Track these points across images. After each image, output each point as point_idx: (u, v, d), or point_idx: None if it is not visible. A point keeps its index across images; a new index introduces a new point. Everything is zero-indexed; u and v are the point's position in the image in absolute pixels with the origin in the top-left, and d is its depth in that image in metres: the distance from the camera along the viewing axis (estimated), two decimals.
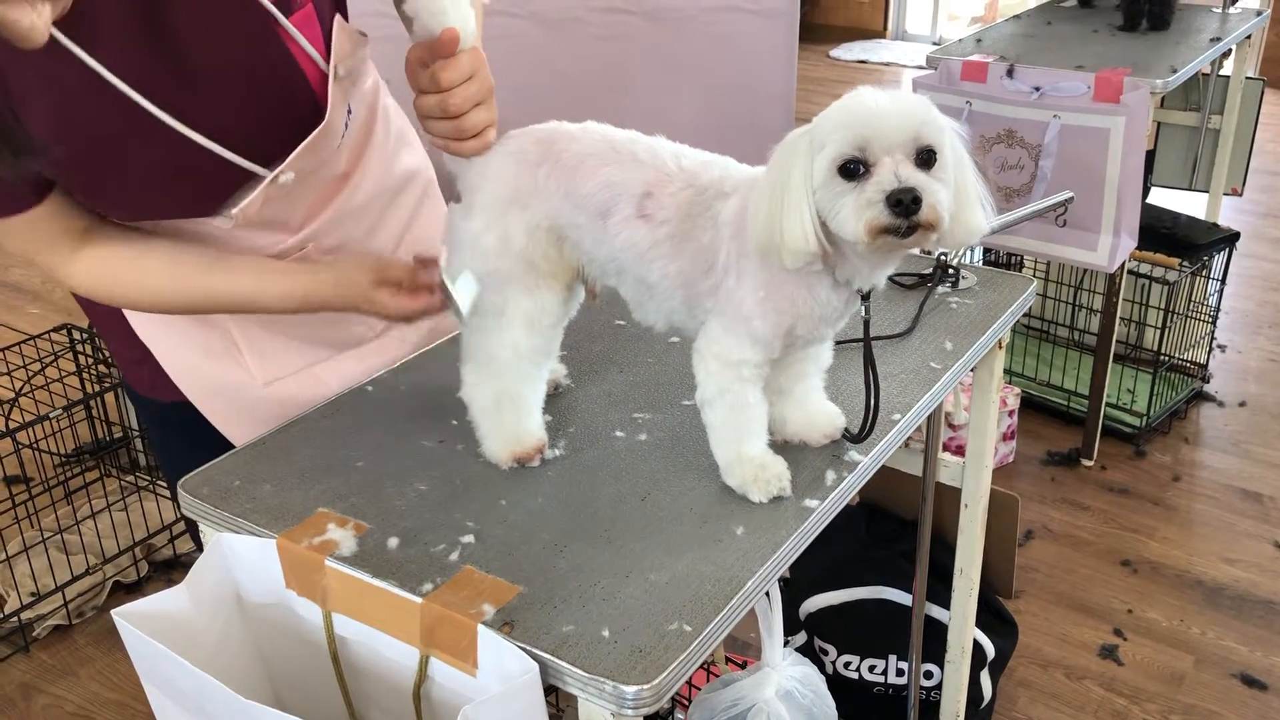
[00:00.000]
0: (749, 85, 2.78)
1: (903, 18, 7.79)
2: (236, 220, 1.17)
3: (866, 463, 1.15)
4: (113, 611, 0.99)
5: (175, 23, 1.07)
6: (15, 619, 2.39)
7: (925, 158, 0.94)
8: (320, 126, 1.16)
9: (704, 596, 0.96)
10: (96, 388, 2.74)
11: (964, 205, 0.98)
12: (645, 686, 0.87)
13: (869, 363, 1.11)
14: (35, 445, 2.57)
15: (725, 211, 1.03)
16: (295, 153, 1.15)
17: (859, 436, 1.15)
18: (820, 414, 1.17)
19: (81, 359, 2.75)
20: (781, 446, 1.15)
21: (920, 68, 7.37)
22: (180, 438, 1.40)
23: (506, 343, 1.10)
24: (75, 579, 2.46)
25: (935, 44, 7.62)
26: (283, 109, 1.15)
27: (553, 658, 0.90)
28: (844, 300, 1.04)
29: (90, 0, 1.00)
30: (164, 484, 2.72)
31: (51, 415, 2.38)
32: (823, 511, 1.08)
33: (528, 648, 0.90)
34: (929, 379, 1.30)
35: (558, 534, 1.05)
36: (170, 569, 2.63)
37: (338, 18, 1.17)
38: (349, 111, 1.23)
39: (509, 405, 1.13)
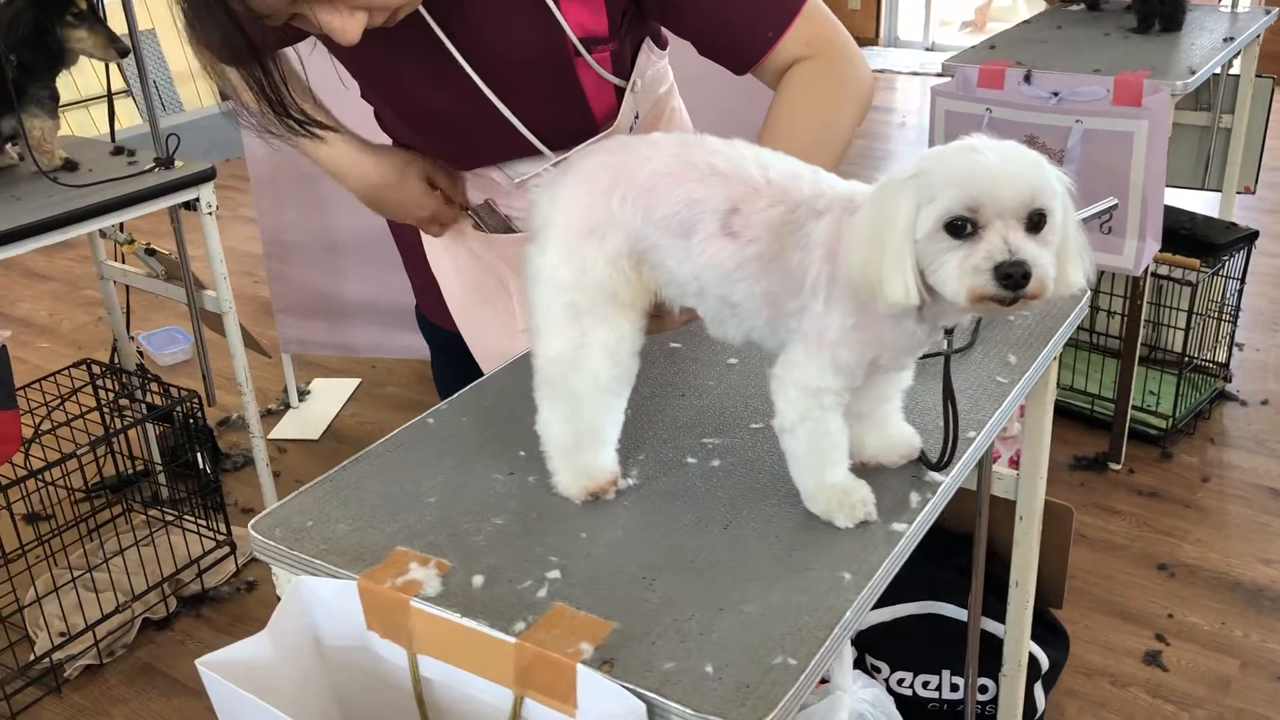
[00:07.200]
0: (748, 90, 2.76)
1: (894, 24, 7.81)
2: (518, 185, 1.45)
3: (948, 483, 1.13)
4: (196, 661, 0.97)
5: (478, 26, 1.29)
6: (46, 660, 2.36)
7: (1036, 221, 0.92)
8: (608, 131, 1.40)
9: (804, 628, 0.94)
10: (118, 423, 2.72)
11: (1065, 263, 0.95)
12: None
13: (949, 395, 1.08)
14: (55, 484, 2.54)
15: (817, 232, 1.00)
16: (582, 146, 1.37)
17: (939, 465, 1.13)
18: (898, 436, 1.15)
19: (102, 394, 2.72)
20: (859, 469, 1.13)
21: (914, 74, 7.45)
22: (454, 365, 1.63)
23: (587, 375, 1.07)
24: (105, 618, 2.43)
25: (928, 50, 7.64)
26: (575, 113, 1.38)
27: (658, 696, 0.88)
28: (928, 332, 1.02)
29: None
30: (190, 517, 2.69)
31: (80, 452, 2.35)
32: (912, 534, 1.06)
33: (631, 687, 0.88)
34: (998, 394, 1.29)
35: (644, 566, 1.03)
36: (199, 604, 2.60)
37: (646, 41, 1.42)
38: (636, 116, 1.43)
39: (589, 440, 1.11)
